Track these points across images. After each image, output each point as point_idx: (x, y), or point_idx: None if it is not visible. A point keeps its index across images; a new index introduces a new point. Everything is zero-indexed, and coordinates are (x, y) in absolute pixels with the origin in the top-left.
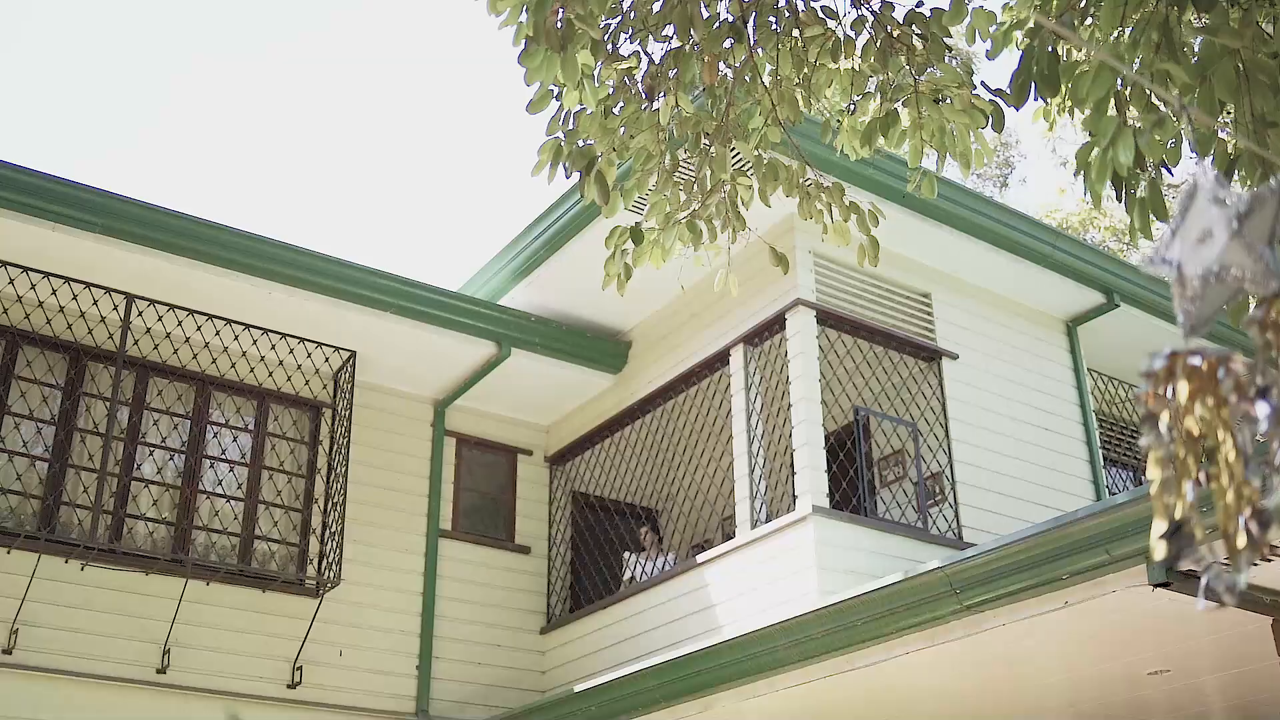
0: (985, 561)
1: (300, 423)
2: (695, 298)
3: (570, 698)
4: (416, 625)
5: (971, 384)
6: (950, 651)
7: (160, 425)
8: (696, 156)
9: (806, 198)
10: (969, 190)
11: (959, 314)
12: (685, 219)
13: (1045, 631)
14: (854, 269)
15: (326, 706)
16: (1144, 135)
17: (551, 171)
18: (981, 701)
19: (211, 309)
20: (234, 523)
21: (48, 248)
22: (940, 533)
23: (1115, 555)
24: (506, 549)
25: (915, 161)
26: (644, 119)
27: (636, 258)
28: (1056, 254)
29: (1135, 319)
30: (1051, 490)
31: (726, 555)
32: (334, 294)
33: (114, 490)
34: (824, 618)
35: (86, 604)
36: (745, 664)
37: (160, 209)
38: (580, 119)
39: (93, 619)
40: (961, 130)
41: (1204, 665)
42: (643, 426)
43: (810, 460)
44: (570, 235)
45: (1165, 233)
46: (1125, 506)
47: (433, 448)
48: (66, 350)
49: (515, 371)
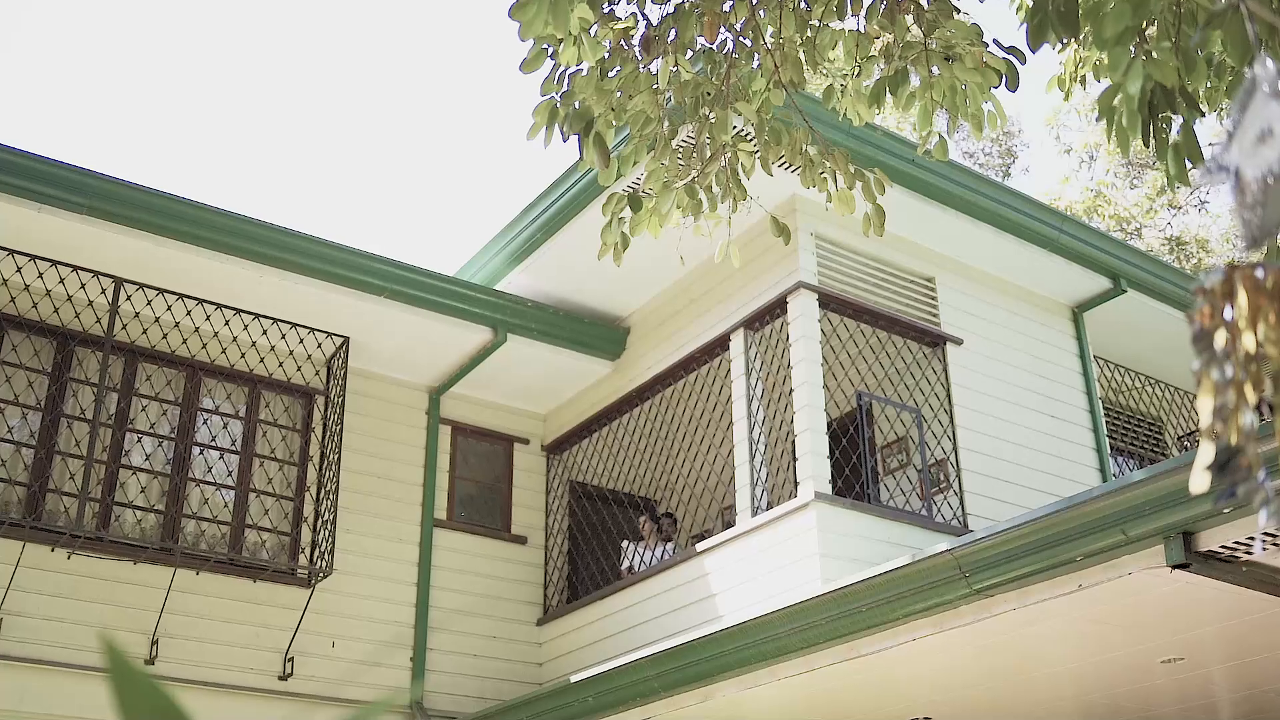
0: (996, 543)
1: (292, 410)
2: (694, 282)
3: (567, 688)
4: (410, 616)
5: (976, 370)
6: (958, 638)
7: (149, 412)
8: (696, 122)
9: (810, 165)
10: (973, 172)
11: (963, 299)
12: (684, 184)
13: (1057, 617)
14: (856, 252)
15: (318, 699)
16: (1158, 64)
17: (548, 134)
18: (986, 694)
19: (202, 293)
20: (224, 511)
21: (34, 229)
22: (945, 520)
23: (1131, 536)
24: (502, 539)
25: (925, 124)
26: (641, 80)
27: (634, 226)
28: (1062, 238)
29: (1142, 305)
30: (1058, 479)
31: (727, 544)
32: (327, 278)
33: (101, 478)
34: (828, 603)
35: (73, 593)
36: (746, 652)
37: (149, 190)
38: (575, 80)
39: (79, 609)
40: (974, 89)
41: (1219, 653)
42: (641, 414)
43: (813, 446)
44: (567, 218)
45: (1221, 137)
46: (1142, 484)
47: (427, 436)
48: (53, 335)
49: (511, 358)
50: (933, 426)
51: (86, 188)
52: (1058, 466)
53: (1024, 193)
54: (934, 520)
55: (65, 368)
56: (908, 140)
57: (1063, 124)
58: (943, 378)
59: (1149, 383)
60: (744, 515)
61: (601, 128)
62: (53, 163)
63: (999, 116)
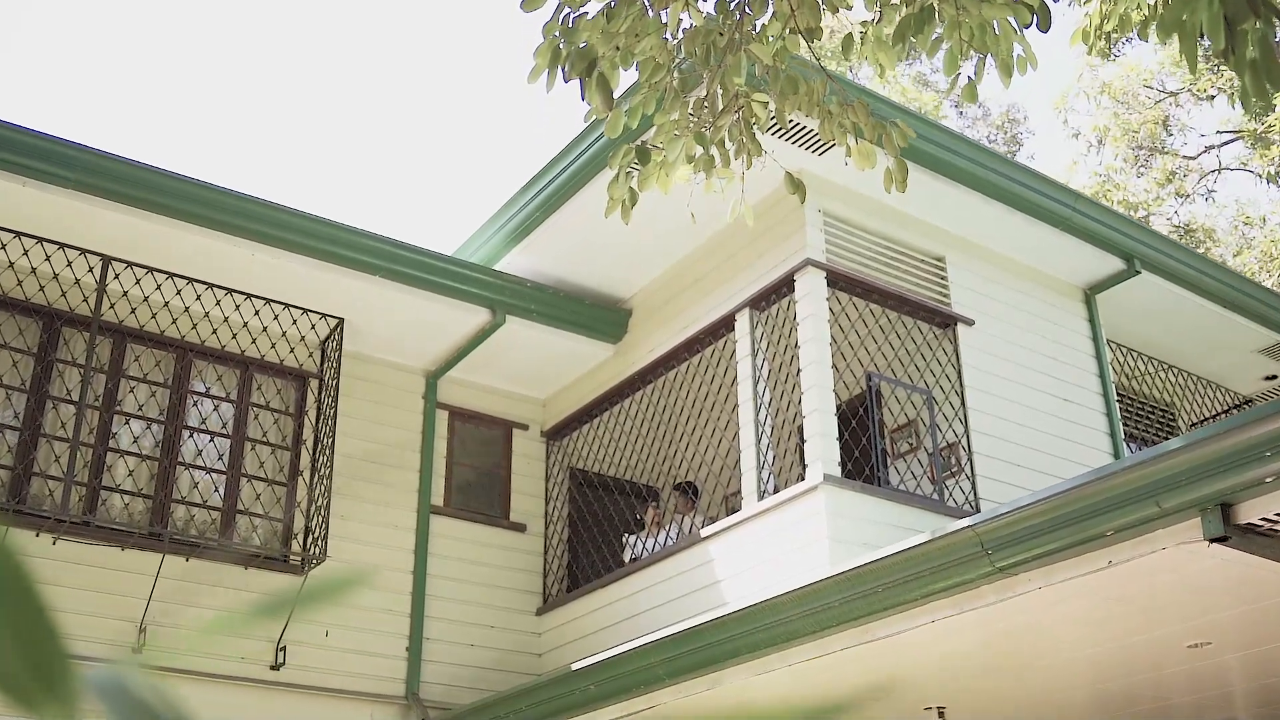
0: (1021, 518)
1: (285, 393)
2: (698, 261)
3: (567, 676)
4: (407, 605)
5: (988, 351)
6: (977, 620)
7: (138, 394)
8: (707, 72)
9: (828, 117)
10: (984, 147)
11: (974, 279)
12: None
13: (1082, 597)
14: (865, 230)
15: (312, 689)
16: None
17: (550, 78)
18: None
19: (192, 272)
20: (215, 496)
21: (18, 205)
22: (957, 505)
23: (1166, 508)
24: (501, 526)
25: (952, 69)
26: (650, 23)
27: (642, 181)
28: (1075, 217)
29: (1157, 287)
30: (1072, 463)
31: (732, 529)
32: (321, 256)
33: (88, 461)
34: (841, 584)
35: (58, 580)
36: (756, 636)
37: (139, 164)
38: (580, 22)
39: (65, 595)
40: (1005, 29)
41: (1249, 636)
42: (644, 398)
43: (821, 427)
44: (568, 195)
45: None
46: (1178, 453)
47: (424, 420)
48: (39, 314)
49: (510, 340)
50: (943, 409)
51: (74, 161)
52: (1071, 451)
53: (1036, 170)
54: (945, 504)
55: (51, 348)
56: (917, 114)
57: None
58: (954, 359)
59: (1162, 367)
60: (750, 499)
61: (606, 69)
62: (39, 135)
63: (1029, 60)
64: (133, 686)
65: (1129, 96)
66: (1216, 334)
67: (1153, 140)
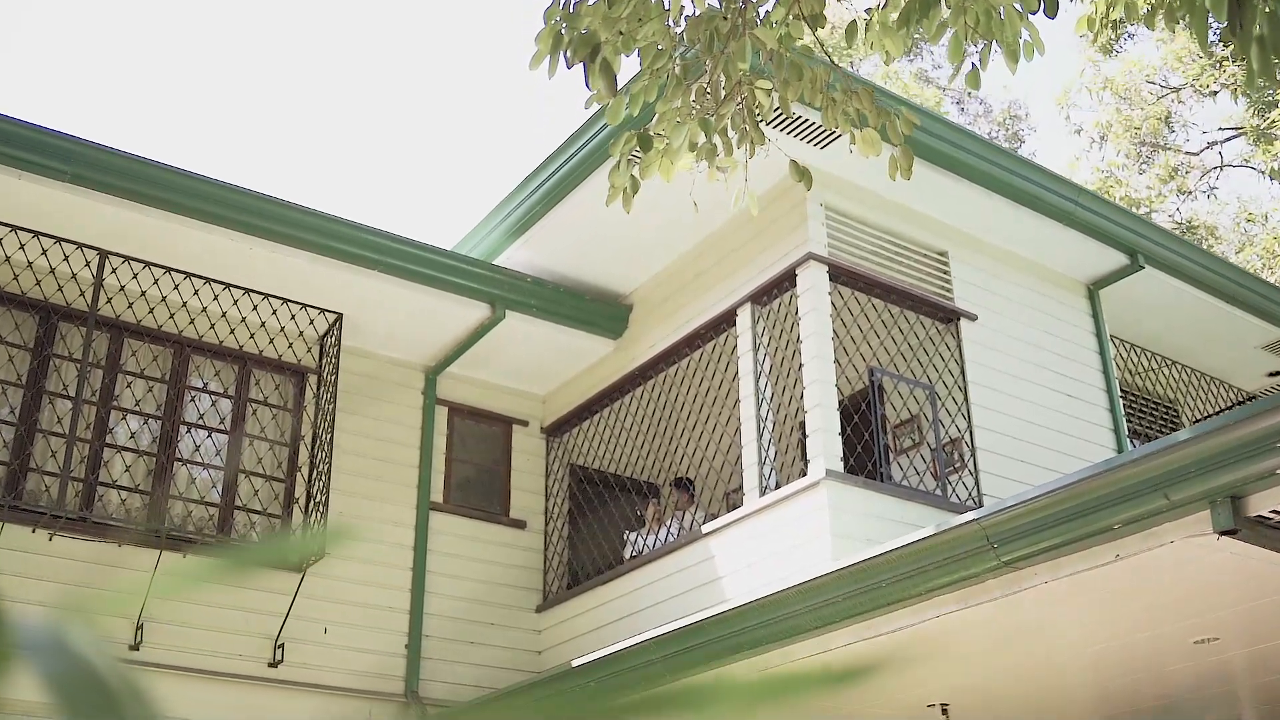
0: (1027, 511)
1: (284, 388)
2: (699, 256)
3: (567, 673)
4: (406, 602)
5: (991, 347)
6: (982, 616)
7: (135, 389)
8: (710, 59)
9: (832, 104)
10: (987, 141)
11: (977, 274)
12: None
13: (1088, 592)
14: (867, 224)
15: (310, 686)
16: None
17: (552, 63)
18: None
19: (190, 267)
20: (212, 492)
21: (14, 198)
22: (960, 501)
23: (1175, 500)
24: (501, 523)
25: (957, 55)
26: (652, 9)
27: (644, 168)
28: (1079, 212)
29: (1160, 282)
30: (1075, 460)
31: (733, 525)
32: (320, 251)
33: (85, 457)
34: (844, 579)
35: (54, 576)
36: (758, 632)
37: (136, 157)
38: (582, 7)
39: (61, 592)
40: (1010, 14)
41: (1257, 632)
42: (644, 394)
43: (824, 422)
44: (568, 189)
45: None
46: (1187, 445)
47: (423, 416)
48: (35, 309)
49: (510, 336)
50: (946, 404)
51: (70, 154)
52: (1074, 447)
53: (1039, 164)
54: (949, 500)
55: (48, 343)
56: (920, 107)
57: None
58: (956, 354)
59: (1165, 364)
60: (751, 495)
61: (608, 54)
62: (35, 128)
63: (1036, 45)
64: (72, 643)
65: (1131, 92)
66: (1220, 329)
67: (1155, 136)
